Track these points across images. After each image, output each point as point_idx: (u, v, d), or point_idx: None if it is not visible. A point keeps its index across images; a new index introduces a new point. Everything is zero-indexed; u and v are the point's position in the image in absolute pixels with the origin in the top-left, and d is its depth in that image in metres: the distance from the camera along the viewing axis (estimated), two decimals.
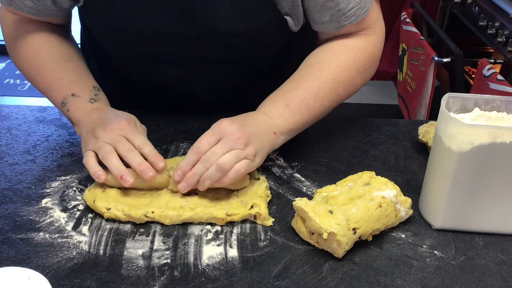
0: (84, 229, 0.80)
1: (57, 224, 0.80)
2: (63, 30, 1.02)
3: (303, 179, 0.92)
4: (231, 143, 0.80)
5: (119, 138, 0.82)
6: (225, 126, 0.82)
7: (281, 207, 0.86)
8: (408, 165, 0.97)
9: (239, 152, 0.80)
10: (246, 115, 0.88)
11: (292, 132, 0.91)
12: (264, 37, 0.94)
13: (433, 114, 1.74)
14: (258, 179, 0.88)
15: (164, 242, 0.78)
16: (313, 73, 0.92)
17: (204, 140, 0.81)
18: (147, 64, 1.02)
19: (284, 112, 0.89)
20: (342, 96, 0.94)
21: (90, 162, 0.81)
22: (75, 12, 1.03)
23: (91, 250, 0.76)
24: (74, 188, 0.88)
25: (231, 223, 0.82)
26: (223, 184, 0.81)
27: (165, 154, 0.97)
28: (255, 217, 0.81)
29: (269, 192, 0.87)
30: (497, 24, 1.87)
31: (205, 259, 0.75)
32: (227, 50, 0.97)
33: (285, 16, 0.92)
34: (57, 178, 0.90)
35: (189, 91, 1.06)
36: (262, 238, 0.79)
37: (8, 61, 3.50)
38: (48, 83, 0.94)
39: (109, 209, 0.80)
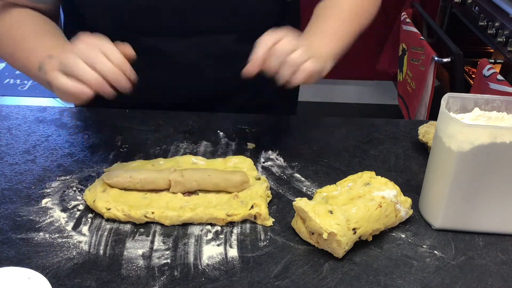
0: (84, 229, 0.80)
1: (57, 224, 0.80)
2: (48, 13, 1.00)
3: (303, 179, 0.92)
4: (295, 41, 0.79)
5: (81, 50, 0.75)
6: (284, 31, 0.81)
7: (281, 207, 0.86)
8: (408, 165, 0.97)
9: (305, 50, 0.79)
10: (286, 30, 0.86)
11: (336, 58, 0.91)
12: (261, 2, 0.97)
13: (433, 114, 1.74)
14: (259, 179, 0.88)
15: (164, 242, 0.78)
16: (337, 8, 0.97)
17: (267, 39, 0.79)
18: (146, 43, 0.99)
19: (327, 40, 0.90)
20: (364, 26, 0.99)
21: (62, 80, 0.74)
22: None
23: (91, 250, 0.76)
24: (74, 188, 0.88)
25: (231, 223, 0.82)
26: (292, 83, 0.79)
27: (165, 154, 0.97)
28: (255, 217, 0.81)
29: (269, 192, 0.87)
30: (497, 24, 1.87)
31: (205, 259, 0.75)
32: (226, 19, 0.98)
33: None
34: (57, 178, 0.90)
35: (191, 68, 1.04)
36: (262, 238, 0.79)
37: None
38: (26, 51, 0.89)
39: (109, 209, 0.80)
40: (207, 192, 0.85)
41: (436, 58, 1.94)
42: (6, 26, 0.93)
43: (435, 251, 0.78)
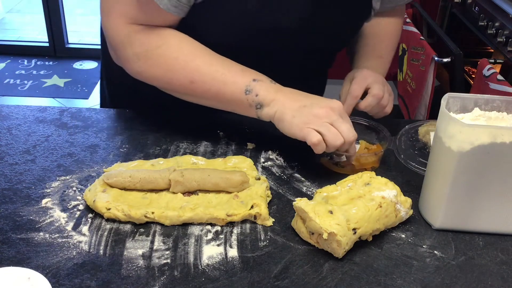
0: (84, 229, 0.80)
1: (57, 224, 0.80)
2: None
3: (303, 179, 0.92)
4: (388, 90, 1.06)
5: (338, 119, 0.87)
6: (369, 76, 1.04)
7: (281, 207, 0.86)
8: (408, 165, 0.96)
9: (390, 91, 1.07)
10: (366, 72, 1.06)
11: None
12: (355, 30, 1.10)
13: (433, 114, 1.73)
14: (259, 179, 0.88)
15: (164, 242, 0.78)
16: (385, 35, 1.17)
17: (356, 89, 1.02)
18: (248, 57, 0.98)
19: (379, 62, 1.12)
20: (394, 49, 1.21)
21: (319, 146, 0.86)
22: None
23: (91, 250, 0.76)
24: (74, 188, 0.88)
25: (231, 223, 0.82)
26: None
27: (165, 154, 0.97)
28: (255, 217, 0.81)
29: (269, 192, 0.87)
30: (497, 24, 1.86)
31: (205, 259, 0.75)
32: (325, 43, 1.06)
33: (373, 7, 1.06)
34: (57, 178, 0.90)
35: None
36: (262, 238, 0.79)
37: (8, 61, 3.50)
38: (218, 78, 0.91)
39: (109, 209, 0.80)
40: (207, 192, 0.85)
41: (436, 58, 1.94)
42: (182, 57, 0.92)
43: (435, 251, 0.78)
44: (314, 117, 0.86)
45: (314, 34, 1.01)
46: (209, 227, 0.81)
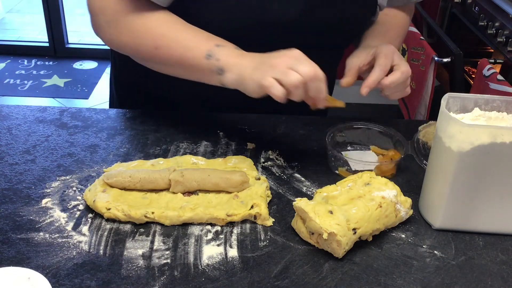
0: (84, 229, 0.80)
1: (57, 224, 0.80)
2: None
3: (303, 179, 0.92)
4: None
5: (296, 57, 0.83)
6: (390, 48, 0.95)
7: (281, 207, 0.86)
8: (408, 165, 0.96)
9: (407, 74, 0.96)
10: (392, 48, 0.97)
11: None
12: (361, 22, 1.07)
13: (433, 114, 1.73)
14: (259, 179, 0.88)
15: (164, 242, 0.78)
16: (395, 25, 1.14)
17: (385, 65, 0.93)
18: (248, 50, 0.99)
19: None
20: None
21: (275, 85, 0.81)
22: None
23: (91, 250, 0.76)
24: (74, 188, 0.88)
25: (231, 223, 0.82)
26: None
27: (165, 154, 0.97)
28: (255, 217, 0.81)
29: (269, 192, 0.87)
30: (497, 24, 1.86)
31: (205, 259, 0.75)
32: (328, 37, 1.04)
33: (379, 3, 1.05)
34: (57, 178, 0.90)
35: None
36: (262, 238, 0.79)
37: (8, 61, 3.50)
38: (182, 42, 0.90)
39: (109, 209, 0.80)
40: (207, 192, 0.85)
41: (436, 58, 1.94)
42: (149, 23, 0.92)
43: (435, 251, 0.78)
44: (271, 67, 0.82)
45: (317, 28, 1.00)
46: (209, 227, 0.81)
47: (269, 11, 0.95)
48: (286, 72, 0.80)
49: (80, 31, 3.78)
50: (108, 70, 3.39)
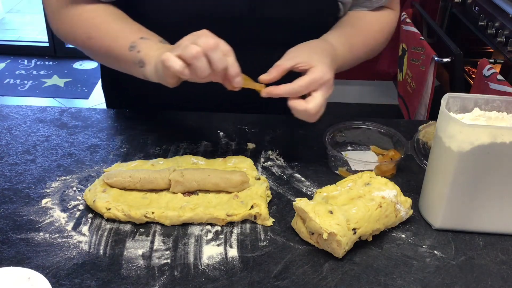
0: (84, 229, 0.80)
1: (57, 224, 0.80)
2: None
3: (303, 179, 0.92)
4: (323, 93, 0.85)
5: (199, 35, 0.78)
6: (325, 75, 0.85)
7: (281, 207, 0.86)
8: (408, 165, 0.96)
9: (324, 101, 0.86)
10: (324, 49, 0.91)
11: (337, 71, 0.95)
12: (320, 21, 1.02)
13: (433, 114, 1.74)
14: (259, 179, 0.88)
15: (164, 242, 0.78)
16: (362, 27, 1.04)
17: (300, 86, 0.84)
18: None
19: (347, 54, 0.97)
20: (370, 56, 1.07)
21: (172, 57, 0.77)
22: None
23: (91, 250, 0.76)
24: (74, 188, 0.88)
25: (231, 223, 0.81)
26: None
27: (165, 154, 0.97)
28: (255, 217, 0.81)
29: (269, 192, 0.87)
30: (497, 24, 1.86)
31: (205, 259, 0.75)
32: (284, 34, 1.00)
33: (339, 2, 1.01)
34: (57, 178, 0.90)
35: None
36: (262, 238, 0.79)
37: (8, 61, 3.50)
38: (111, 33, 0.91)
39: (109, 209, 0.80)
40: (207, 192, 0.85)
41: (436, 58, 1.94)
42: (85, 14, 0.93)
43: (435, 251, 0.78)
44: (174, 47, 0.80)
45: (268, 25, 0.97)
46: (209, 227, 0.81)
47: (214, 5, 0.94)
48: (186, 46, 0.77)
49: None
50: None
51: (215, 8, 0.94)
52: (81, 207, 0.84)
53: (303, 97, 0.84)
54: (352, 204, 0.77)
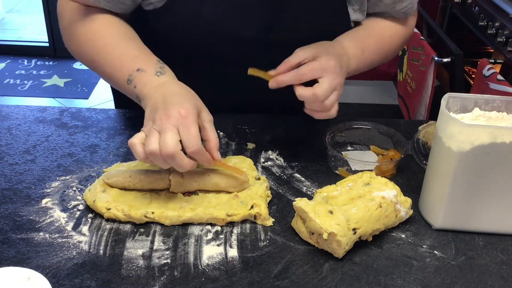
0: (84, 229, 0.80)
1: (57, 224, 0.80)
2: (122, 17, 0.99)
3: (303, 179, 0.92)
4: (338, 88, 0.86)
5: (170, 128, 0.76)
6: (329, 61, 0.86)
7: (281, 207, 0.86)
8: (408, 165, 0.96)
9: (340, 92, 0.87)
10: (334, 48, 0.91)
11: (350, 75, 0.96)
12: (332, 39, 1.00)
13: (433, 114, 1.73)
14: (259, 179, 0.88)
15: (164, 242, 0.78)
16: (377, 33, 1.04)
17: (307, 71, 0.85)
18: (209, 63, 1.01)
19: (360, 55, 0.96)
20: (382, 62, 1.07)
21: (137, 146, 0.78)
22: None
23: (91, 250, 0.76)
24: (74, 188, 0.88)
25: (231, 223, 0.81)
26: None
27: None
28: (255, 217, 0.81)
29: (269, 192, 0.87)
30: (497, 24, 1.86)
31: (205, 259, 0.75)
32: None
33: (352, 19, 1.00)
34: (57, 178, 0.90)
35: (244, 89, 1.04)
36: (262, 238, 0.79)
37: (8, 61, 3.50)
38: (111, 61, 0.90)
39: (109, 209, 0.80)
40: (207, 192, 0.85)
41: (436, 58, 1.94)
42: (90, 35, 0.93)
43: (435, 251, 0.78)
44: (149, 121, 0.80)
45: (280, 46, 0.95)
46: (209, 227, 0.81)
47: (226, 26, 0.94)
48: (152, 135, 0.76)
49: None
50: None
51: (227, 29, 0.94)
52: (81, 207, 0.84)
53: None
54: (352, 204, 0.77)
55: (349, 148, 1.02)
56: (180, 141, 0.76)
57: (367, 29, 1.03)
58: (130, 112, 1.10)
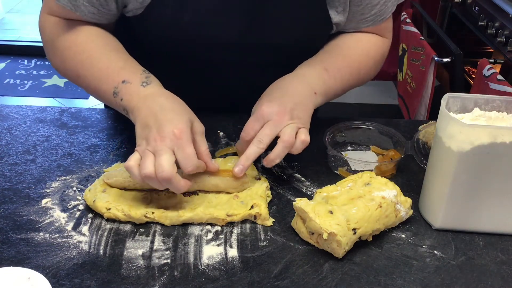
0: (84, 229, 0.80)
1: (57, 224, 0.80)
2: (105, 28, 0.98)
3: (303, 179, 0.92)
4: (277, 124, 0.83)
5: (166, 150, 0.76)
6: (265, 109, 0.84)
7: (281, 207, 0.86)
8: (408, 165, 0.96)
9: (292, 125, 0.83)
10: (283, 84, 0.90)
11: (328, 96, 0.95)
12: (314, 43, 1.01)
13: (433, 114, 1.74)
14: (259, 179, 0.88)
15: (164, 242, 0.78)
16: (342, 52, 1.00)
17: (249, 128, 0.84)
18: (192, 67, 1.01)
19: (322, 73, 0.94)
20: (360, 80, 1.02)
21: (134, 169, 0.77)
22: None
23: (91, 250, 0.76)
24: (74, 188, 0.88)
25: (231, 223, 0.82)
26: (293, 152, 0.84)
27: None
28: (255, 217, 0.81)
29: (269, 192, 0.87)
30: (497, 24, 1.87)
31: (205, 259, 0.75)
32: (278, 57, 1.00)
33: (334, 22, 0.98)
34: (57, 178, 0.90)
35: (228, 90, 1.06)
36: (262, 238, 0.79)
37: (8, 61, 3.50)
38: (96, 74, 0.89)
39: (109, 209, 0.80)
40: (207, 192, 0.85)
41: (436, 58, 1.94)
42: (73, 48, 0.92)
43: (435, 251, 0.78)
44: (142, 141, 0.79)
45: (260, 49, 0.96)
46: (209, 227, 0.81)
47: (206, 31, 0.94)
48: (147, 157, 0.75)
49: None
50: None
51: (208, 33, 0.94)
52: (81, 207, 0.84)
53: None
54: (352, 204, 0.77)
55: (349, 148, 1.02)
56: (176, 160, 0.76)
57: (332, 51, 1.00)
58: None
